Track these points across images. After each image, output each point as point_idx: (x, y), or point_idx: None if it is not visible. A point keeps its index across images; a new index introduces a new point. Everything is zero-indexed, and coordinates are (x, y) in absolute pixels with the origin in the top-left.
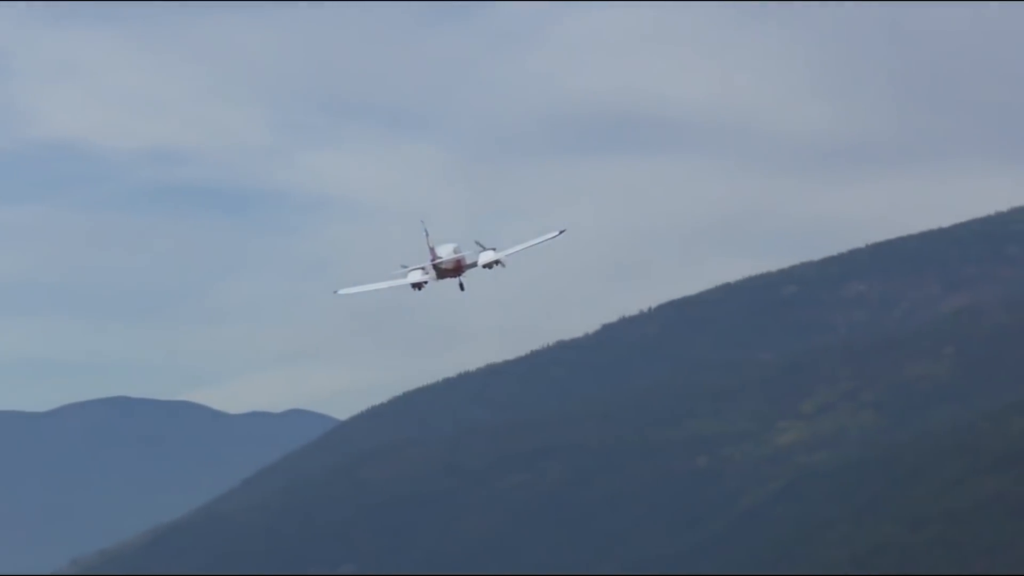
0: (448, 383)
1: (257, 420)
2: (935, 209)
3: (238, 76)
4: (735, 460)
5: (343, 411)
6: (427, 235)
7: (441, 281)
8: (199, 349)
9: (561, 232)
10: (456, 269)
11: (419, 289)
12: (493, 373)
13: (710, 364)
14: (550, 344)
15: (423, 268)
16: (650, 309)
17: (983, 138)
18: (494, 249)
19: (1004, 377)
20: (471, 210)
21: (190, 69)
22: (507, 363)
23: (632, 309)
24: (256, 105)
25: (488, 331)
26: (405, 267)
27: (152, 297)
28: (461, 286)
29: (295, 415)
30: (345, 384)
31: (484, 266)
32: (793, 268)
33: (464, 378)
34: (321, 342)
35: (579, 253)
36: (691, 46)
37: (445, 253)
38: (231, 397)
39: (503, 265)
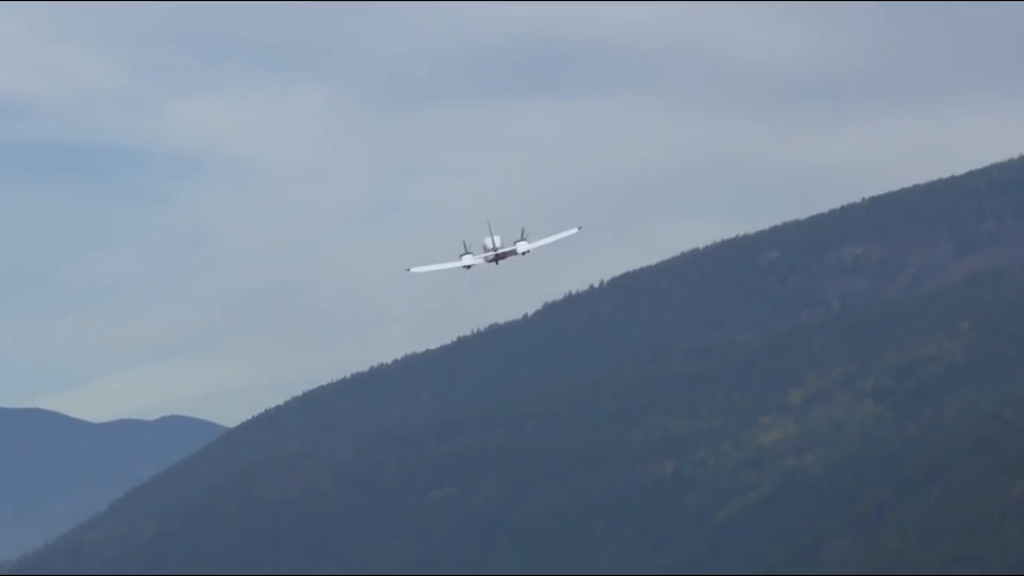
0: (357, 380)
1: (125, 429)
2: (946, 154)
3: (89, 10)
4: (708, 465)
5: (230, 417)
6: (491, 232)
7: (487, 266)
8: (50, 344)
9: (579, 229)
10: (501, 256)
11: (468, 268)
12: (412, 367)
13: (675, 348)
14: (481, 329)
15: (473, 253)
16: (601, 284)
17: (1003, 67)
18: (526, 240)
19: None
20: (373, 166)
21: (29, 3)
22: (429, 353)
23: (579, 284)
24: (111, 44)
25: (404, 316)
26: (463, 254)
27: None
28: (497, 260)
29: (171, 422)
30: (231, 384)
31: (522, 253)
32: (774, 229)
33: (377, 374)
34: (200, 334)
35: (509, 218)
36: None
37: (493, 245)
38: (92, 402)
39: (521, 255)
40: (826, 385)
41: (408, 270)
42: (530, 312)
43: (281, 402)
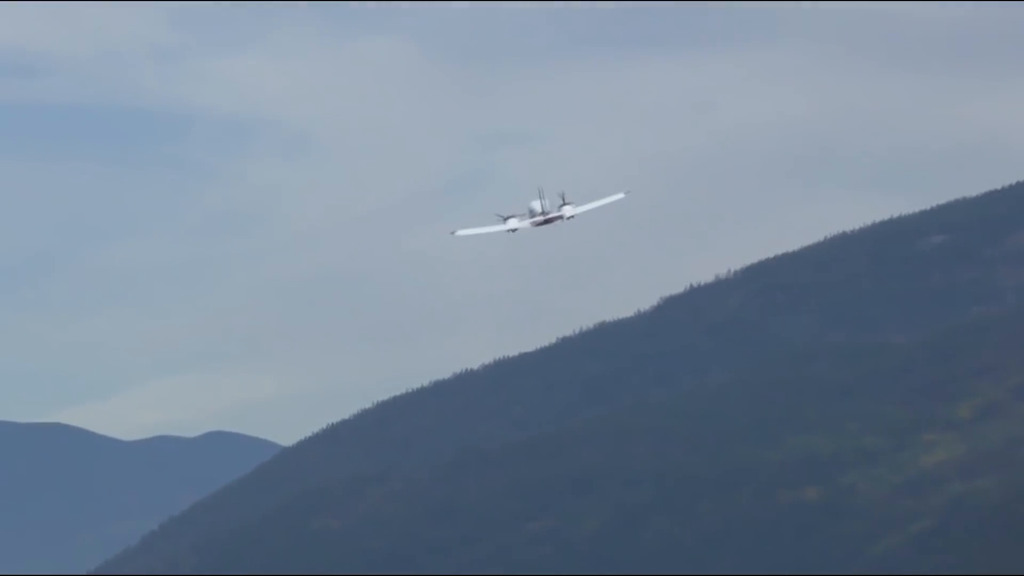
0: (438, 389)
1: (160, 448)
2: None
3: None
4: (859, 491)
5: (284, 433)
6: (541, 197)
7: (534, 229)
8: (70, 348)
9: (627, 193)
10: (548, 220)
11: (513, 232)
12: (502, 373)
13: (818, 351)
14: (586, 328)
15: (519, 217)
16: (730, 274)
17: None
18: (572, 204)
19: None
20: (453, 134)
21: None
22: (523, 357)
23: (703, 275)
24: None
25: (494, 312)
26: (501, 215)
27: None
28: (548, 221)
29: (214, 440)
30: (286, 395)
31: (567, 218)
32: (938, 210)
33: (461, 381)
34: (248, 334)
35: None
36: None
37: (540, 208)
38: (121, 416)
39: (567, 219)
40: (1000, 396)
41: (453, 233)
42: (644, 308)
43: (346, 415)
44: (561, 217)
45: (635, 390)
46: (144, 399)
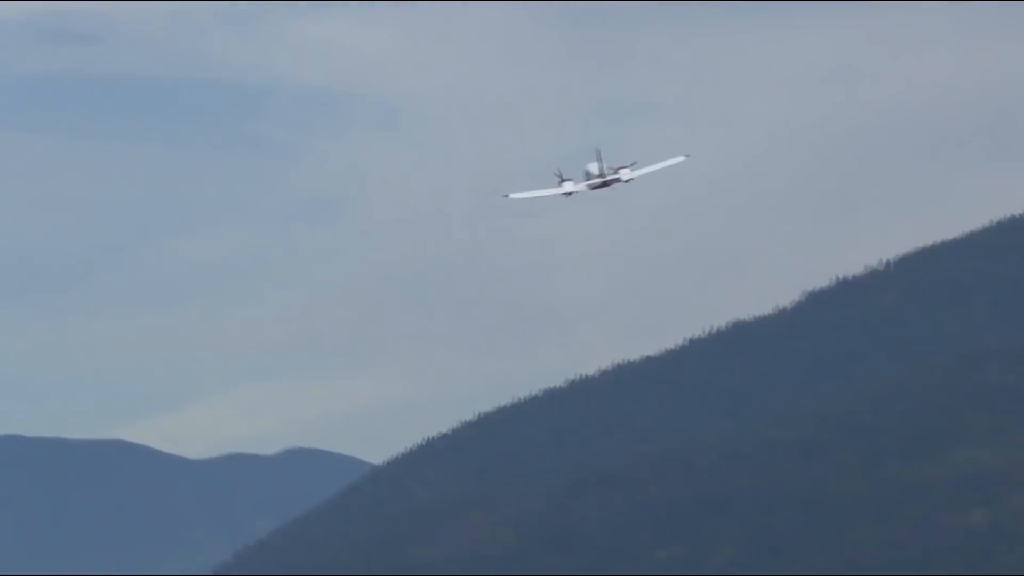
0: (550, 399)
1: (234, 468)
2: None
3: None
4: None
5: (375, 450)
6: (599, 158)
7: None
8: (132, 355)
9: (686, 157)
10: (604, 183)
11: (569, 196)
12: (624, 379)
13: (987, 352)
14: (719, 328)
15: (574, 180)
16: (884, 266)
17: None
18: (630, 167)
19: None
20: (567, 105)
21: None
22: (648, 362)
23: (853, 266)
24: None
25: (615, 309)
26: (558, 175)
27: (44, 269)
28: (606, 184)
29: (295, 458)
30: (377, 406)
31: (625, 181)
32: None
33: (577, 390)
34: (334, 337)
35: (754, 178)
36: None
37: (597, 170)
38: (190, 432)
39: (625, 182)
40: None
41: (506, 196)
42: (786, 305)
43: (446, 429)
44: (619, 179)
45: (776, 399)
46: (214, 412)
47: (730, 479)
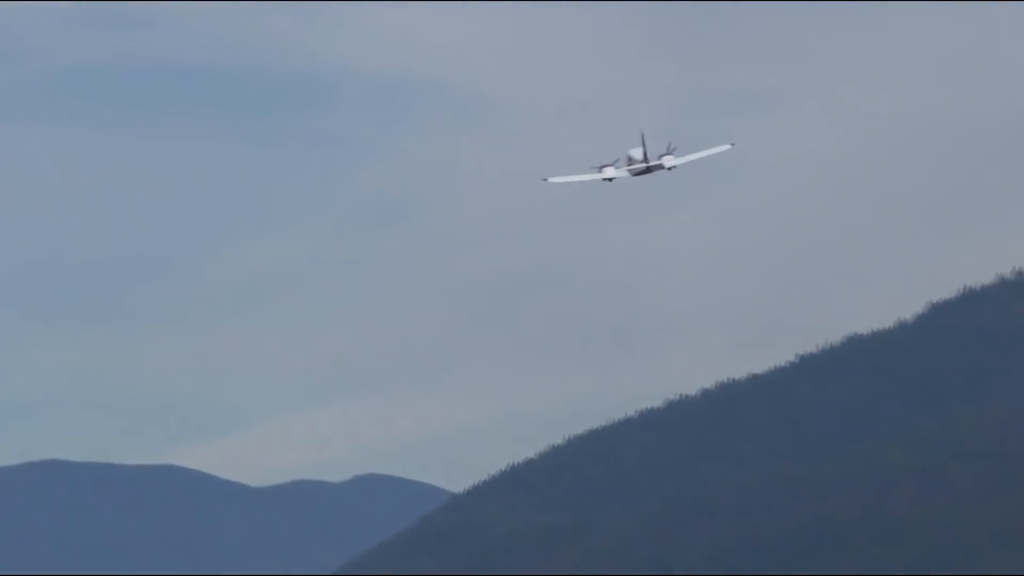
0: (647, 420)
1: (299, 496)
2: None
3: None
4: None
5: (455, 476)
6: (643, 143)
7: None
8: (187, 372)
9: (731, 146)
10: (647, 170)
11: (610, 181)
12: (727, 399)
13: None
14: (833, 344)
15: (615, 166)
16: (1015, 274)
17: None
18: (673, 154)
19: None
20: (678, 97)
21: None
22: (754, 380)
23: (982, 275)
24: None
25: (719, 323)
26: (595, 166)
27: (90, 282)
28: (649, 170)
29: (367, 485)
30: (456, 429)
31: (668, 168)
32: None
33: (676, 410)
34: (409, 354)
35: (872, 181)
36: None
37: (641, 156)
38: (250, 457)
39: (667, 170)
40: None
41: (544, 179)
42: (907, 317)
43: (532, 455)
44: (661, 166)
45: (894, 421)
46: (277, 435)
47: (843, 509)
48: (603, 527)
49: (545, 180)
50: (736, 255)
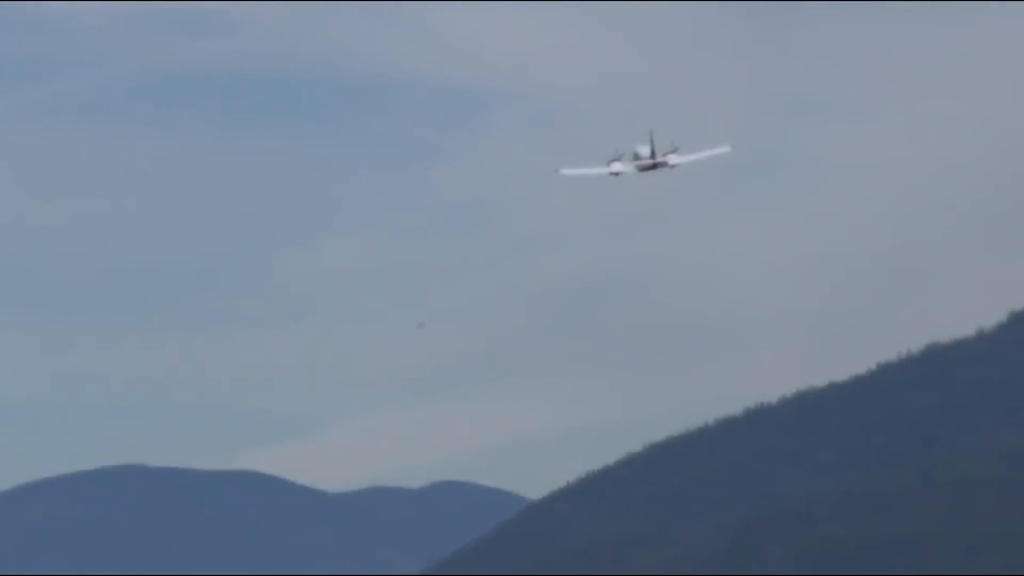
0: (726, 429)
1: (376, 503)
2: None
3: None
4: None
5: (532, 483)
6: (651, 141)
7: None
8: (260, 377)
9: (730, 148)
10: (653, 166)
11: (616, 176)
12: (806, 409)
13: None
14: (912, 352)
15: (622, 161)
16: None
17: None
18: (677, 152)
19: None
20: (749, 101)
21: None
22: (833, 389)
23: None
24: None
25: (797, 331)
26: (612, 160)
27: (166, 286)
28: (655, 166)
29: (443, 492)
30: (534, 435)
31: (672, 166)
32: None
33: (754, 420)
34: (487, 358)
35: (953, 185)
36: None
37: (648, 153)
38: (326, 462)
39: (671, 167)
40: None
41: (556, 171)
42: (988, 325)
43: (609, 462)
44: (666, 164)
45: (974, 431)
46: (353, 440)
47: (922, 519)
48: (679, 535)
49: (556, 171)
50: (816, 263)
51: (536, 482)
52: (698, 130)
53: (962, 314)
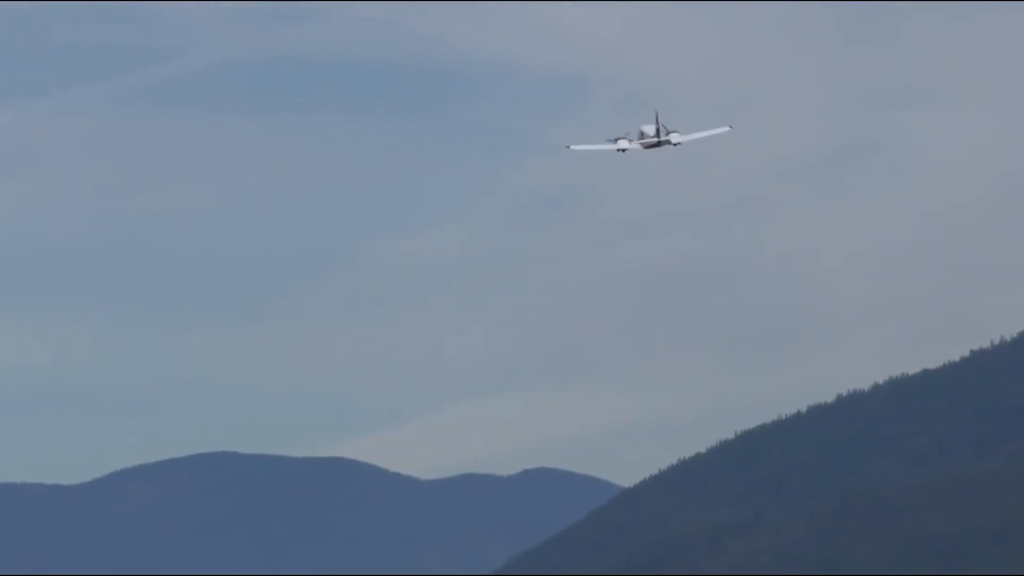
0: (817, 416)
1: (467, 490)
2: None
3: None
4: None
5: (625, 471)
6: (657, 120)
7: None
8: (352, 364)
9: (730, 127)
10: (657, 143)
11: (623, 152)
12: (899, 395)
13: None
14: (1009, 338)
15: (628, 139)
16: None
17: None
18: (679, 131)
19: None
20: (833, 94)
21: None
22: (926, 376)
23: None
24: None
25: (889, 318)
26: (611, 139)
27: (257, 274)
28: (659, 144)
29: (536, 479)
30: (625, 422)
31: (675, 144)
32: None
33: (846, 406)
34: (576, 346)
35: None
36: None
37: (656, 131)
38: (417, 449)
39: (674, 145)
40: None
41: (567, 147)
42: None
43: (701, 449)
44: (669, 142)
45: None
46: (445, 428)
47: (1017, 508)
48: (771, 523)
49: (567, 147)
50: (909, 249)
51: (628, 470)
52: (788, 123)
53: None
